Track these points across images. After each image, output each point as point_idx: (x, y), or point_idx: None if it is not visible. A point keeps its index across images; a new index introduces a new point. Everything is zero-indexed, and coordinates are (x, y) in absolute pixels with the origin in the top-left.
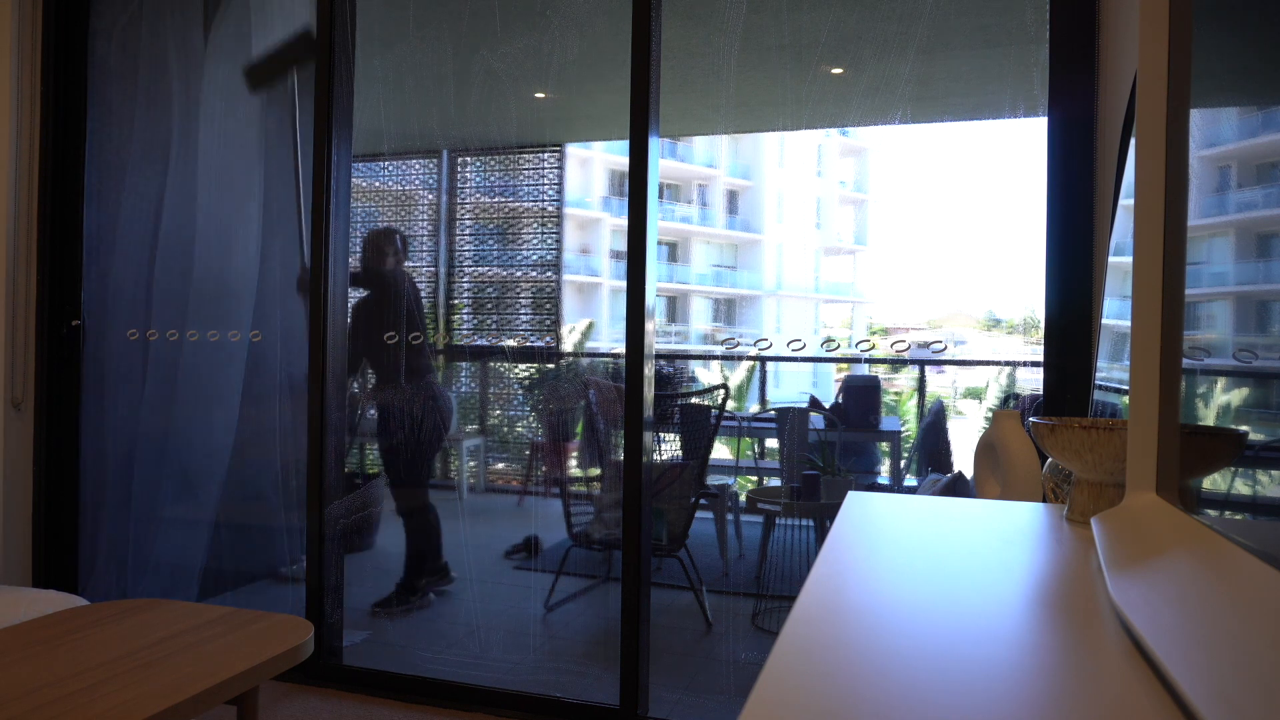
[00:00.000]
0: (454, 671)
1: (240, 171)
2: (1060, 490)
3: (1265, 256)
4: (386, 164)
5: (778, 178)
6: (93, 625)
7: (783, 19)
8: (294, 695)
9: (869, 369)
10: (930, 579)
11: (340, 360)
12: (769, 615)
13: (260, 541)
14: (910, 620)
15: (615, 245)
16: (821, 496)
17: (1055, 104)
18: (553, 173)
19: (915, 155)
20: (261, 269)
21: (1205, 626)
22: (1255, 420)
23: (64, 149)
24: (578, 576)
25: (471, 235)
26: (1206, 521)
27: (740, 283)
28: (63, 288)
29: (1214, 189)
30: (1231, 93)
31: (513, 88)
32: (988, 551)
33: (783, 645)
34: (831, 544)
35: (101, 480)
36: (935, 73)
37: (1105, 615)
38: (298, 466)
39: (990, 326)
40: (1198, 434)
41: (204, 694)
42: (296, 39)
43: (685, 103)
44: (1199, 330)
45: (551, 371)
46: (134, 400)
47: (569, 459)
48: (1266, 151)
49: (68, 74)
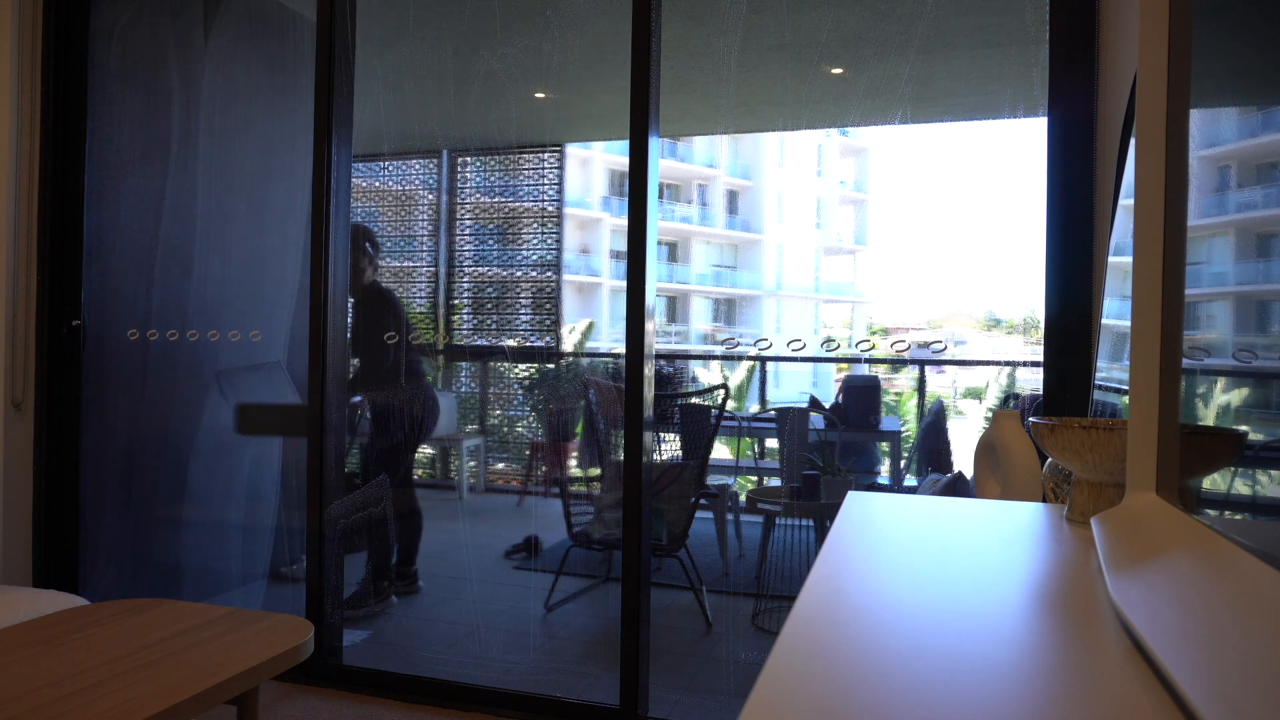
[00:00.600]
0: (454, 671)
1: (240, 171)
2: (1060, 490)
3: (1265, 256)
4: (386, 164)
5: (778, 178)
6: (93, 625)
7: (783, 19)
8: (294, 695)
9: (869, 369)
10: (930, 579)
11: (340, 360)
12: (769, 615)
13: (260, 541)
14: (910, 620)
15: (615, 245)
16: (821, 496)
17: (1055, 104)
18: (553, 173)
19: (915, 155)
20: (262, 269)
21: (1205, 626)
22: (1255, 420)
23: (64, 149)
24: (578, 576)
25: (471, 235)
26: (1206, 521)
27: (740, 283)
28: (63, 288)
29: (1214, 189)
30: (1231, 93)
31: (513, 88)
32: (988, 551)
33: (783, 645)
34: (831, 544)
35: (101, 480)
36: (935, 73)
37: (1105, 615)
38: (298, 466)
39: (990, 326)
40: (1198, 434)
41: (204, 694)
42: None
43: (685, 103)
44: (1199, 330)
45: (551, 371)
46: (134, 400)
47: (569, 459)
48: (1266, 151)
49: (68, 74)
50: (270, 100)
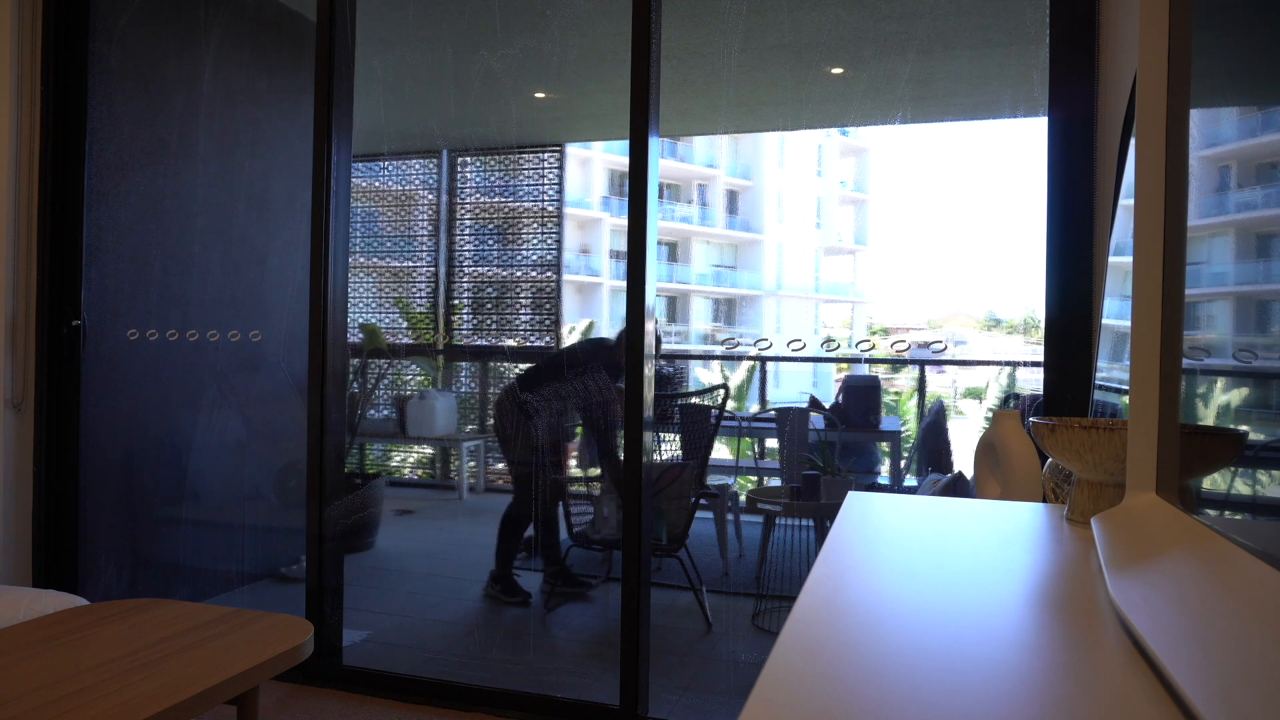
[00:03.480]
0: (454, 671)
1: (240, 171)
2: (1060, 490)
3: (1265, 256)
4: (386, 164)
5: (778, 178)
6: (93, 625)
7: (783, 19)
8: (294, 695)
9: (869, 369)
10: (930, 579)
11: (340, 360)
12: (769, 615)
13: (260, 541)
14: (910, 620)
15: (615, 245)
16: (821, 496)
17: (1055, 104)
18: (552, 173)
19: (915, 155)
20: (262, 269)
21: (1205, 626)
22: (1255, 420)
23: (64, 149)
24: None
25: (471, 235)
26: (1206, 521)
27: (740, 283)
28: (63, 288)
29: (1214, 189)
30: (1231, 93)
31: (513, 88)
32: (988, 551)
33: (783, 645)
34: (831, 544)
35: (101, 480)
36: (935, 73)
37: (1105, 615)
38: (297, 466)
39: (990, 326)
40: (1198, 434)
41: (204, 694)
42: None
43: (685, 103)
44: (1199, 330)
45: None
46: (134, 400)
47: (569, 459)
48: (1266, 151)
49: (68, 74)
50: (270, 100)
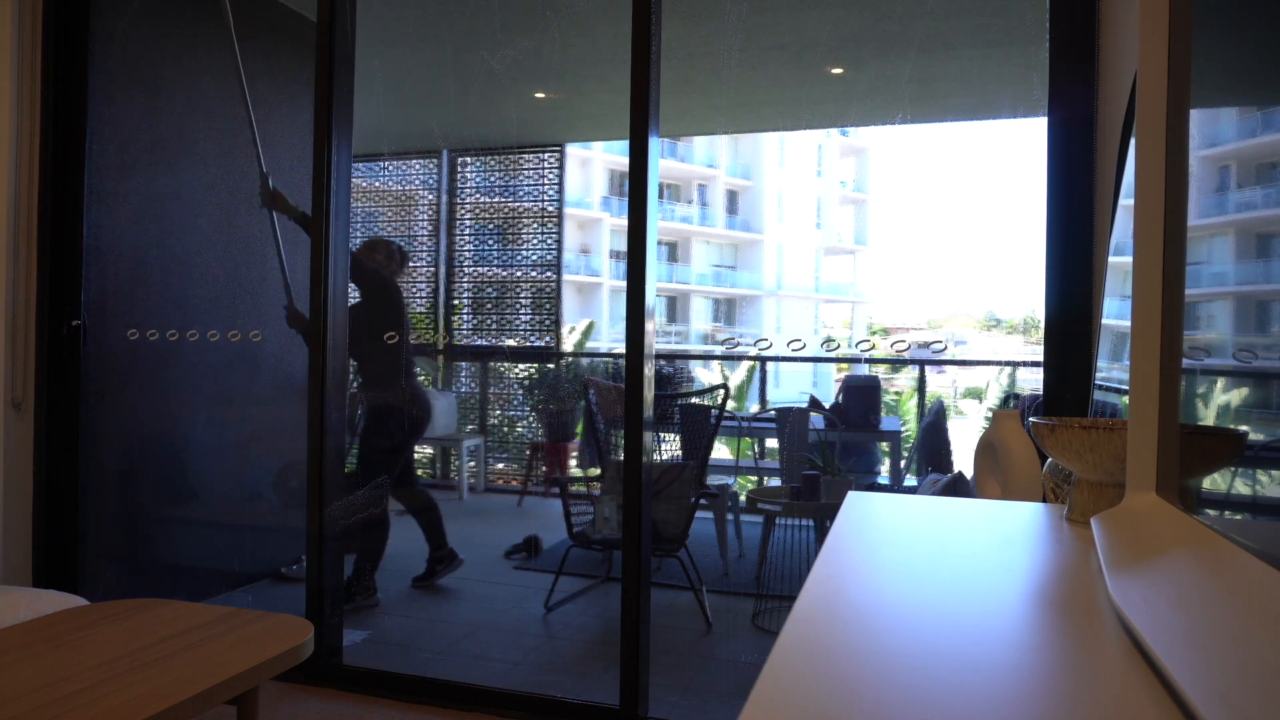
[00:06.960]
0: (454, 671)
1: (240, 171)
2: (1060, 490)
3: (1265, 256)
4: (386, 164)
5: (778, 178)
6: (93, 625)
7: (783, 19)
8: (294, 695)
9: (869, 369)
10: (930, 579)
11: (340, 360)
12: (769, 615)
13: (260, 541)
14: (910, 620)
15: (615, 245)
16: (821, 496)
17: (1055, 104)
18: (552, 173)
19: (915, 155)
20: (261, 269)
21: (1205, 626)
22: (1255, 420)
23: (64, 150)
24: (578, 576)
25: (471, 235)
26: (1206, 521)
27: (740, 283)
28: (63, 288)
29: (1214, 189)
30: (1231, 93)
31: (513, 88)
32: (988, 551)
33: (783, 645)
34: (831, 544)
35: (101, 480)
36: (935, 73)
37: (1105, 615)
38: (297, 466)
39: (990, 326)
40: (1198, 434)
41: (204, 694)
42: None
43: (685, 103)
44: (1199, 330)
45: (551, 371)
46: (134, 400)
47: (569, 459)
48: (1266, 151)
49: (68, 74)
50: (270, 100)
